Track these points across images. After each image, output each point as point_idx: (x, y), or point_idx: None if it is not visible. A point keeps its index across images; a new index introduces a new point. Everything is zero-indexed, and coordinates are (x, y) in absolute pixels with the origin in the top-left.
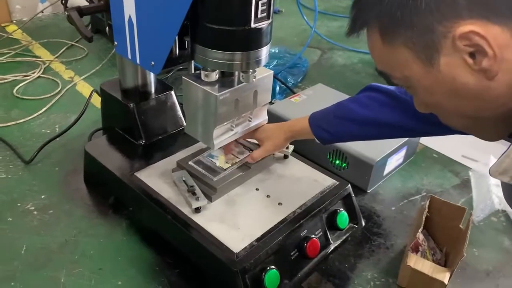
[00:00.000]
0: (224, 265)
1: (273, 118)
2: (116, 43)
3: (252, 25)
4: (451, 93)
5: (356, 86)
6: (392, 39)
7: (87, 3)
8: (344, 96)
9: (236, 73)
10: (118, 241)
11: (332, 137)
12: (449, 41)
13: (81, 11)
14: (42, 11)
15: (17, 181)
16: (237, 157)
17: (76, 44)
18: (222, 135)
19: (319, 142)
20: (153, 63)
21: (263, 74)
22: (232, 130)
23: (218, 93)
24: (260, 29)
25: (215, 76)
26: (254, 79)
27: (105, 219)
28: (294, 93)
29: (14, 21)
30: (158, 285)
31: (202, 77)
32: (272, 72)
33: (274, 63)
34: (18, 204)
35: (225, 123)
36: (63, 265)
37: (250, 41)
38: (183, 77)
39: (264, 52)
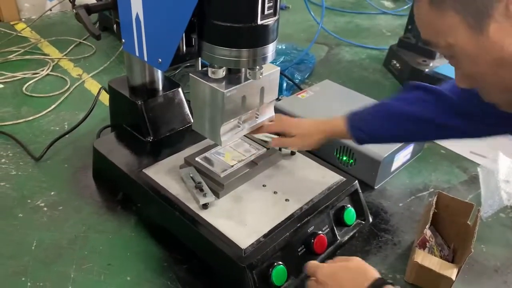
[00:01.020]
0: (232, 261)
1: None
2: (123, 40)
3: (259, 22)
4: (497, 63)
5: (363, 82)
6: (441, 3)
7: (95, 1)
8: (351, 92)
9: (243, 70)
10: (127, 237)
11: (370, 138)
12: (502, 6)
13: (89, 9)
14: (50, 9)
15: (27, 177)
16: (243, 154)
17: (84, 41)
18: (229, 132)
19: (357, 143)
20: (160, 60)
21: (270, 71)
22: (239, 126)
23: (225, 90)
24: (267, 25)
25: (222, 73)
26: (261, 76)
27: (114, 215)
28: (301, 89)
29: (23, 20)
30: (167, 280)
31: (209, 74)
32: (279, 68)
33: (281, 59)
34: (28, 201)
35: (232, 120)
36: (73, 261)
37: (257, 37)
38: (190, 74)
39: (271, 49)
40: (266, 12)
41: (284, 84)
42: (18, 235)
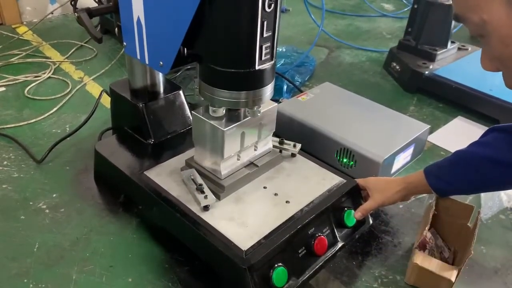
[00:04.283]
0: (233, 262)
1: (281, 117)
2: (125, 43)
3: (257, 67)
4: None
5: (363, 84)
6: None
7: (96, 4)
8: (351, 95)
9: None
10: (129, 239)
11: (450, 186)
12: None
13: (90, 12)
14: (52, 13)
15: (29, 180)
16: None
17: (85, 44)
18: (230, 166)
19: (438, 195)
20: (161, 63)
21: (268, 107)
22: (238, 159)
23: (225, 128)
24: (264, 69)
25: (222, 111)
26: (259, 114)
27: (116, 217)
28: (301, 91)
29: (25, 23)
30: (168, 282)
31: (210, 112)
32: (276, 104)
33: (282, 62)
34: (30, 203)
35: (232, 154)
36: (75, 263)
37: (255, 81)
38: (192, 111)
39: (269, 89)
40: (263, 58)
41: (285, 87)
42: (20, 237)
